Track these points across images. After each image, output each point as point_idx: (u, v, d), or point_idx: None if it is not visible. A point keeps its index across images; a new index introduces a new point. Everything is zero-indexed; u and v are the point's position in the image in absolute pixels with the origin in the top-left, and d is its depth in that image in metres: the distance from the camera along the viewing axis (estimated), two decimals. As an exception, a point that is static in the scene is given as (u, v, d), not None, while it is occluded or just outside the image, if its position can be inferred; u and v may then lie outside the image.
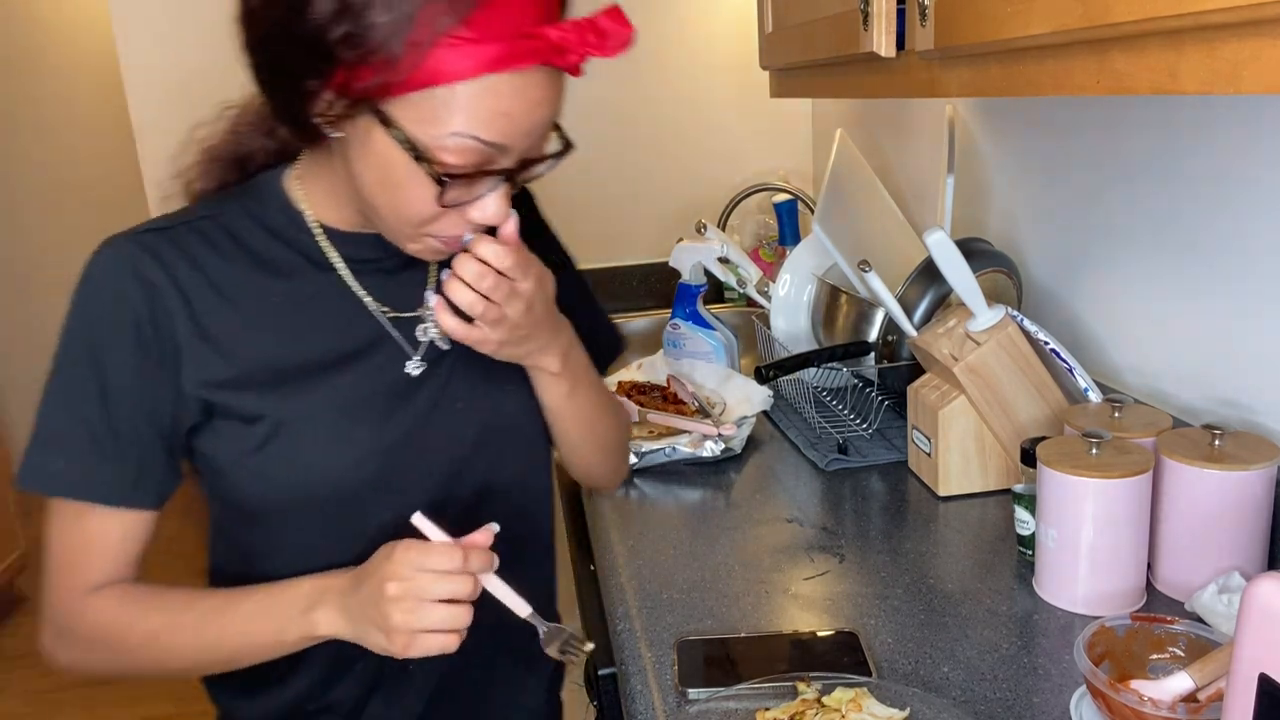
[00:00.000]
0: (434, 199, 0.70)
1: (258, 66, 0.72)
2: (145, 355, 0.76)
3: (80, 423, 0.77)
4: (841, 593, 1.03)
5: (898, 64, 1.02)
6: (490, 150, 0.69)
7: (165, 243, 0.78)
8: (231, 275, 0.79)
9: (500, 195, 0.72)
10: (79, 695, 2.58)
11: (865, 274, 1.29)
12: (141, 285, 0.76)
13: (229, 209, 0.81)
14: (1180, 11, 0.56)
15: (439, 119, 0.66)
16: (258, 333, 0.79)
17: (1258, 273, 1.02)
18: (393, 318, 0.84)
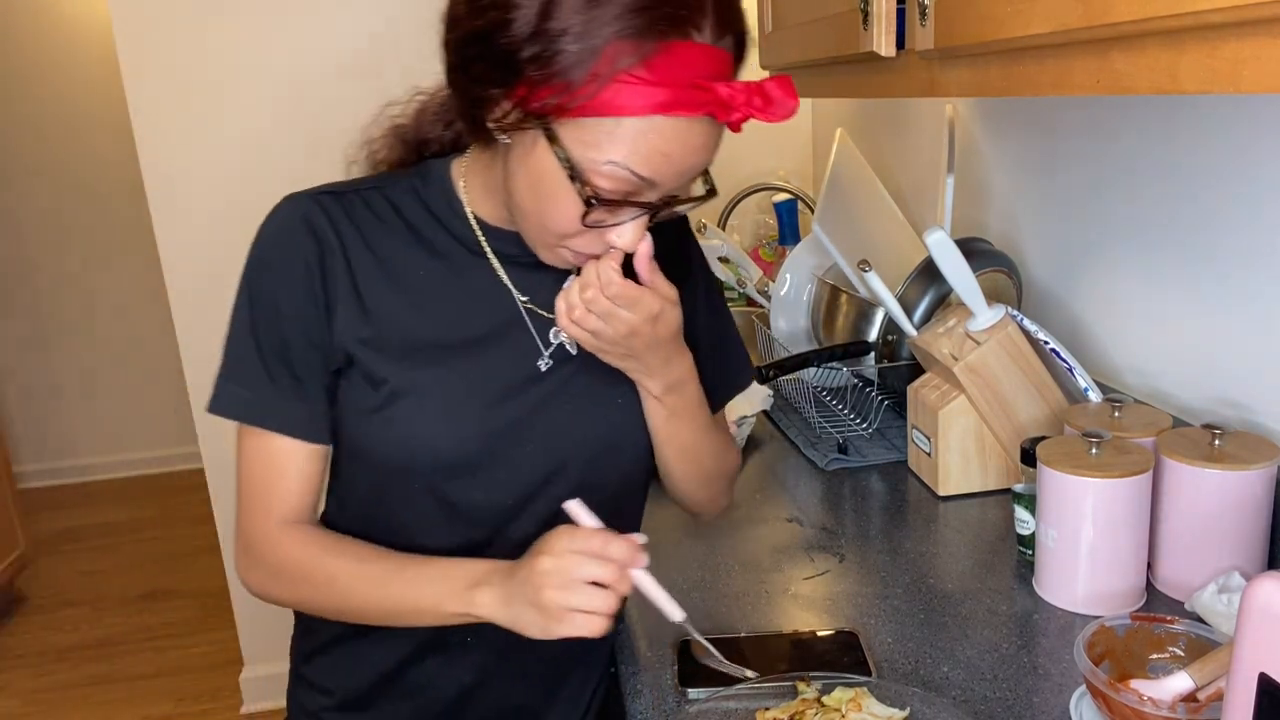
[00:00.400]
0: (578, 217, 0.73)
1: (450, 65, 0.77)
2: (312, 299, 0.83)
3: (260, 357, 0.84)
4: (841, 593, 1.03)
5: (898, 64, 1.02)
6: (641, 184, 0.72)
7: (336, 203, 0.85)
8: (388, 244, 0.85)
9: (639, 225, 0.76)
10: (79, 695, 2.58)
11: (865, 274, 1.29)
12: (312, 235, 0.83)
13: (398, 185, 0.88)
14: (1180, 11, 0.56)
15: (600, 146, 0.70)
16: (401, 302, 0.84)
17: (1258, 273, 1.02)
18: (530, 311, 0.88)
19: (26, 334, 3.90)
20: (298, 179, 2.38)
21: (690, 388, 0.89)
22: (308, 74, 2.12)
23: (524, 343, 0.87)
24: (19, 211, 3.79)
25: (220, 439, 2.28)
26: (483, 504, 0.87)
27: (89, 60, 3.68)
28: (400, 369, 0.83)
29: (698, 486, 0.98)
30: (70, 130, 3.74)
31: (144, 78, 2.07)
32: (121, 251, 3.86)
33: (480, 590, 0.78)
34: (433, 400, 0.84)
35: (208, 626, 2.86)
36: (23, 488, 3.66)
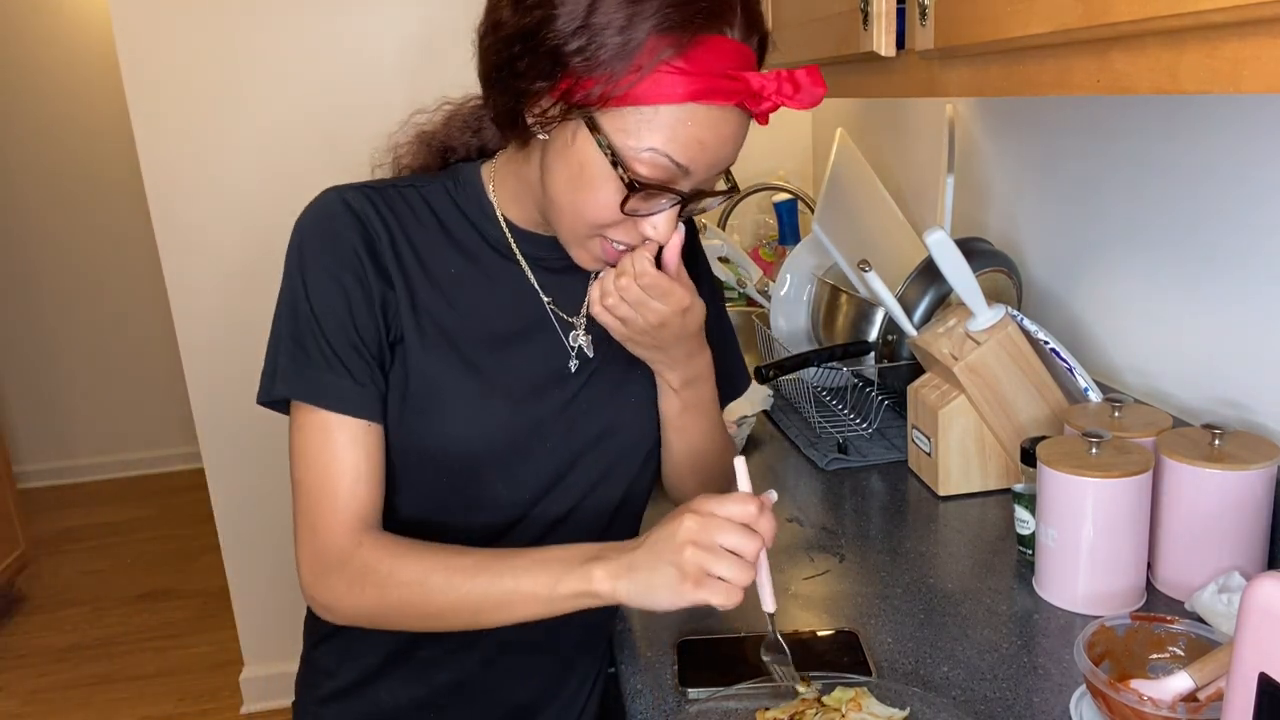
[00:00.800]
0: (616, 204, 0.76)
1: (492, 66, 0.80)
2: (361, 282, 0.84)
3: (313, 340, 0.83)
4: (841, 593, 1.03)
5: (898, 64, 1.02)
6: (676, 171, 0.76)
7: (376, 195, 0.87)
8: (423, 239, 0.87)
9: (672, 216, 0.79)
10: (79, 695, 2.58)
11: (865, 274, 1.29)
12: (358, 220, 0.85)
13: (432, 185, 0.90)
14: (1180, 11, 0.56)
15: (640, 134, 0.74)
16: (436, 295, 0.86)
17: (1258, 273, 1.02)
18: (555, 313, 0.91)
19: (26, 334, 3.90)
20: (298, 179, 2.39)
21: (707, 383, 0.93)
22: (308, 74, 2.12)
23: (549, 344, 0.90)
24: (19, 212, 3.79)
25: (220, 439, 2.28)
26: (503, 498, 0.89)
27: (89, 60, 3.68)
28: (435, 361, 0.86)
29: (699, 483, 0.99)
30: (71, 130, 3.74)
31: (144, 78, 2.07)
32: (122, 252, 3.86)
33: (597, 565, 0.76)
34: (465, 394, 0.86)
35: (208, 626, 2.86)
36: (23, 488, 3.66)
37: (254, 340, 2.36)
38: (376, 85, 2.15)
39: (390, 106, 0.95)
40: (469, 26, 0.83)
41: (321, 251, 0.84)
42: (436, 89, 0.99)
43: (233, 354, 2.21)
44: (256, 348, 2.38)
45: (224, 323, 2.20)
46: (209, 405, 2.25)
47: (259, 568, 2.36)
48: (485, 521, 0.90)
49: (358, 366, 0.84)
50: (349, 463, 0.83)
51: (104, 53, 3.65)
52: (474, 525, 0.90)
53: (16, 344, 3.91)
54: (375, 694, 0.96)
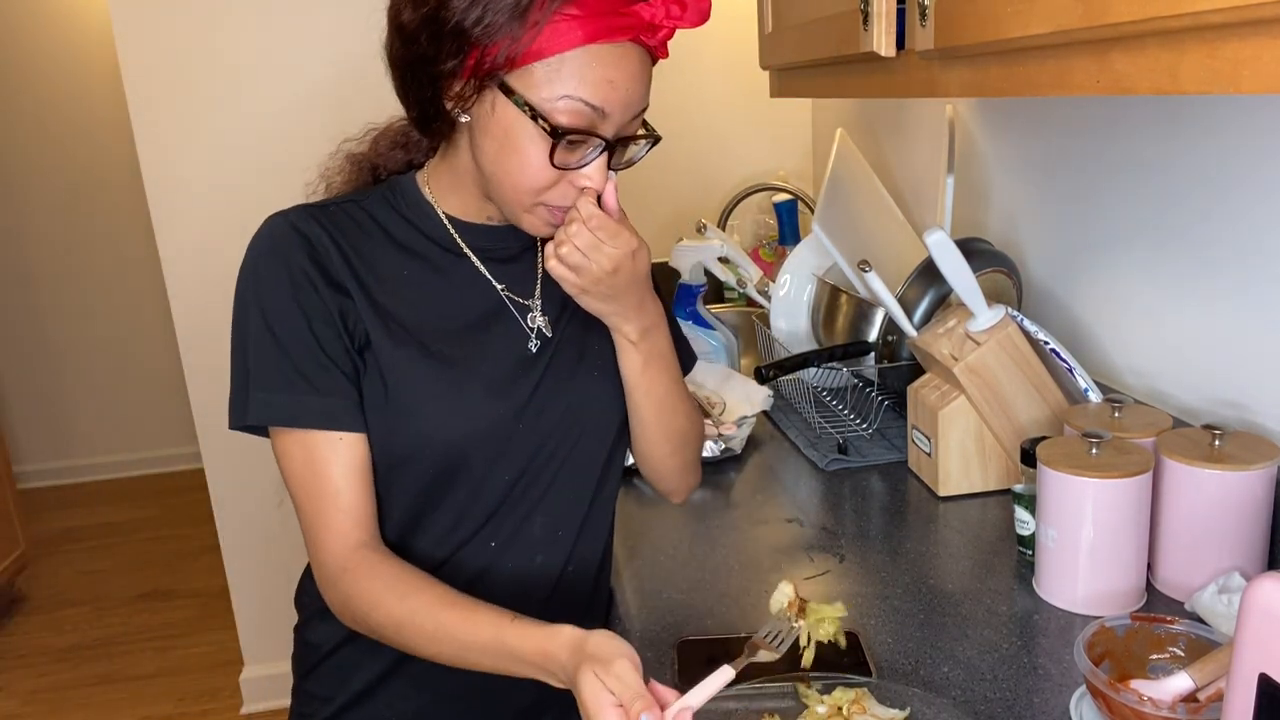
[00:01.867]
0: (546, 161, 0.80)
1: (404, 66, 0.84)
2: (319, 297, 0.85)
3: (281, 361, 0.85)
4: (841, 593, 1.03)
5: (898, 64, 1.02)
6: (594, 115, 0.79)
7: (320, 213, 0.89)
8: (370, 249, 0.90)
9: (601, 163, 0.83)
10: (79, 695, 2.58)
11: (865, 274, 1.29)
12: (306, 241, 0.87)
13: (371, 198, 0.93)
14: (1180, 11, 0.56)
15: (551, 84, 0.78)
16: (393, 297, 0.89)
17: (1259, 273, 1.02)
18: (511, 299, 0.93)
19: (26, 334, 3.90)
20: (298, 179, 2.37)
21: (662, 333, 0.95)
22: (308, 74, 2.12)
23: (511, 329, 0.93)
24: (20, 212, 3.79)
25: (220, 439, 2.28)
26: (486, 483, 0.91)
27: (89, 61, 3.68)
28: (406, 358, 0.87)
29: (671, 450, 1.00)
30: (71, 131, 3.74)
31: (144, 78, 2.07)
32: (122, 252, 3.86)
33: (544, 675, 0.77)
34: (442, 387, 0.88)
35: (208, 626, 2.86)
36: (23, 488, 3.66)
37: (254, 340, 2.35)
38: (377, 84, 2.14)
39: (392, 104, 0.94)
40: None
41: (274, 275, 0.85)
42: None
43: (233, 354, 2.21)
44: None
45: (224, 323, 2.18)
46: (209, 405, 2.25)
47: (259, 568, 2.37)
48: (470, 507, 0.91)
49: (326, 381, 0.85)
50: (335, 476, 0.85)
51: (104, 53, 3.65)
52: (461, 513, 0.91)
53: (16, 344, 3.91)
54: (374, 708, 0.96)
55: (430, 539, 0.91)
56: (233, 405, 0.87)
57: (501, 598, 0.82)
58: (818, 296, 1.63)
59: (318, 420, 0.85)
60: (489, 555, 0.92)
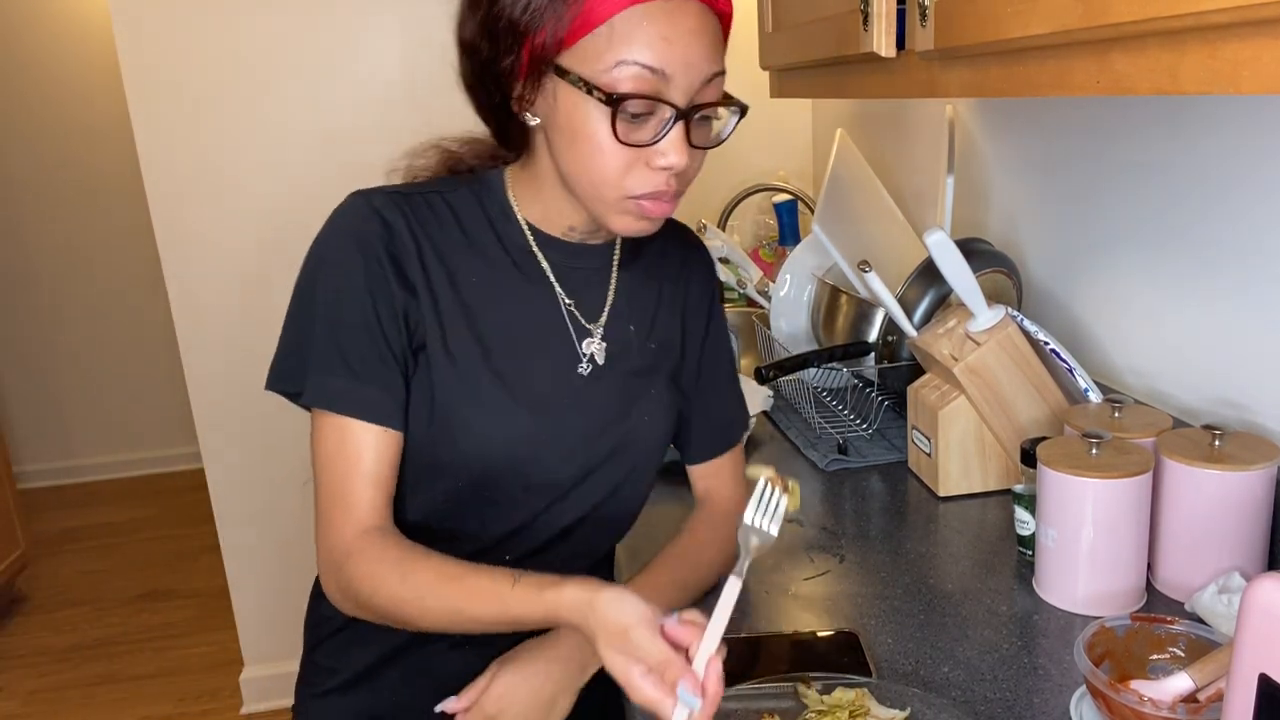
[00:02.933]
0: (614, 139, 0.76)
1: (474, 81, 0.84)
2: (387, 288, 0.84)
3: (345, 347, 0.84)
4: (841, 593, 1.03)
5: (898, 64, 1.02)
6: (653, 77, 0.74)
7: (405, 201, 0.87)
8: (448, 246, 0.88)
9: (676, 137, 0.77)
10: (79, 695, 2.58)
11: (865, 274, 1.29)
12: (386, 227, 0.85)
13: (457, 191, 0.90)
14: (1180, 11, 0.56)
15: (602, 54, 0.74)
16: (459, 302, 0.87)
17: (1258, 273, 1.02)
18: (572, 315, 0.92)
19: (26, 334, 3.90)
20: (298, 178, 2.38)
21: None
22: (308, 73, 2.12)
23: (565, 350, 0.91)
24: (20, 212, 3.79)
25: (220, 439, 2.28)
26: (517, 504, 0.91)
27: (89, 60, 3.68)
28: (458, 368, 0.86)
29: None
30: (71, 130, 3.74)
31: (144, 79, 2.07)
32: (122, 252, 3.86)
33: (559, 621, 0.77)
34: (488, 402, 0.87)
35: (208, 626, 2.86)
36: (23, 488, 3.66)
37: (254, 340, 2.37)
38: (376, 84, 2.15)
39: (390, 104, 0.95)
40: None
41: (350, 259, 0.84)
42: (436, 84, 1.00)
43: (233, 354, 2.21)
44: (257, 347, 2.40)
45: (224, 323, 2.20)
46: (209, 405, 2.25)
47: (259, 568, 2.36)
48: (496, 527, 0.91)
49: (381, 374, 0.84)
50: (365, 468, 0.84)
51: (104, 53, 3.65)
52: (485, 531, 0.91)
53: (16, 344, 3.90)
54: (378, 689, 0.97)
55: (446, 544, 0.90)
56: (277, 368, 0.87)
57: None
58: (818, 297, 1.63)
59: (364, 411, 0.84)
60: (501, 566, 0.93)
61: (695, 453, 1.05)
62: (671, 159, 0.77)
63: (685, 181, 0.82)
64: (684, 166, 0.78)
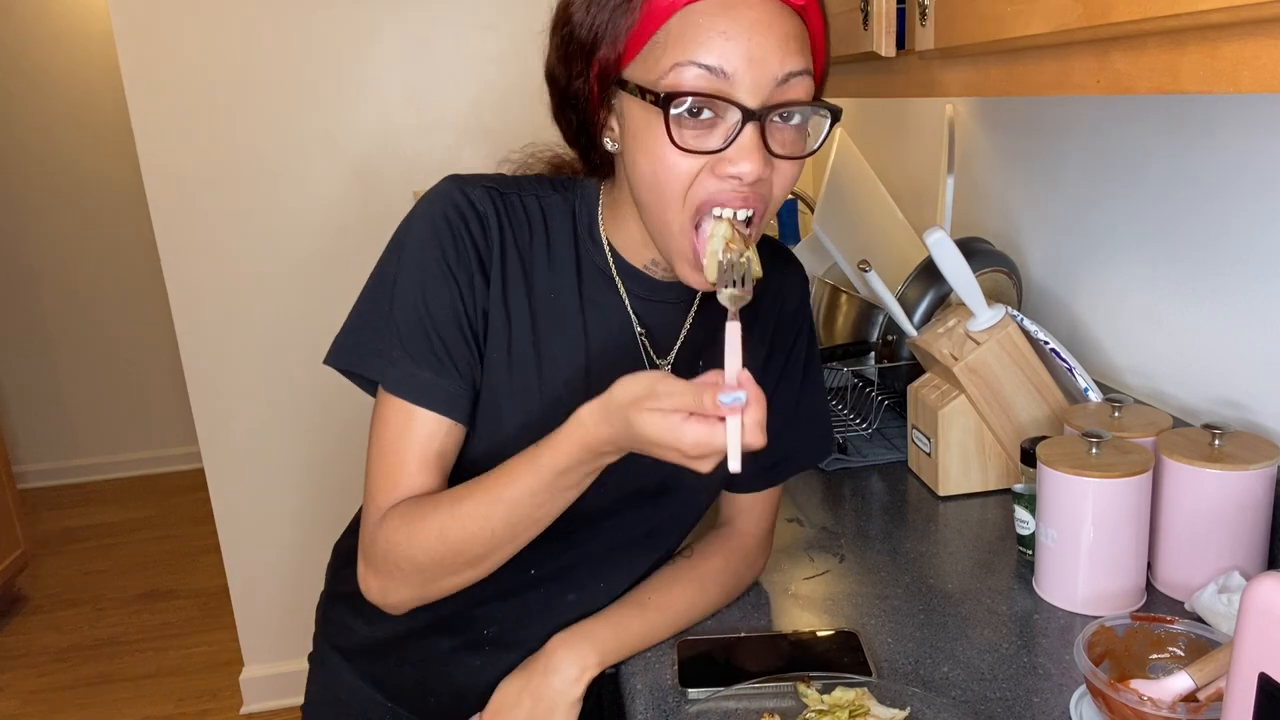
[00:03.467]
0: (671, 144, 0.71)
1: (560, 111, 0.82)
2: (470, 281, 0.82)
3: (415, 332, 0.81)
4: (841, 593, 1.03)
5: (898, 64, 1.02)
6: (711, 75, 0.70)
7: (500, 197, 0.84)
8: (532, 253, 0.85)
9: (746, 142, 0.71)
10: (79, 695, 2.58)
11: (865, 274, 1.29)
12: (478, 219, 0.82)
13: (553, 196, 0.87)
14: (1180, 11, 0.56)
15: (659, 60, 0.71)
16: (529, 312, 0.84)
17: (1258, 273, 1.02)
18: (644, 344, 0.88)
19: (27, 334, 3.90)
20: (298, 178, 2.38)
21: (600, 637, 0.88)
22: (307, 73, 2.12)
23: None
24: (20, 212, 3.79)
25: (220, 439, 2.28)
26: None
27: (89, 61, 3.68)
28: (506, 376, 0.84)
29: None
30: (71, 131, 3.74)
31: (144, 79, 2.07)
32: (122, 252, 3.86)
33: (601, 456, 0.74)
34: (524, 414, 0.84)
35: (208, 626, 2.86)
36: (23, 488, 3.66)
37: (254, 340, 2.37)
38: (376, 83, 2.15)
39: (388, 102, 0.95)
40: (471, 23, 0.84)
41: (438, 245, 0.81)
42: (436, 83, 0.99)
43: (233, 355, 2.21)
44: (257, 348, 2.41)
45: (224, 323, 2.20)
46: (209, 405, 2.25)
47: (259, 568, 2.36)
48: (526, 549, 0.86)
49: (450, 365, 0.81)
50: (420, 455, 0.82)
51: (104, 53, 3.65)
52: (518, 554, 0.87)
53: (16, 344, 3.90)
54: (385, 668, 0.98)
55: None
56: (341, 345, 0.85)
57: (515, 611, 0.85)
58: (818, 296, 1.63)
59: (432, 401, 0.81)
60: (525, 579, 0.91)
61: (733, 484, 0.99)
62: (742, 166, 0.71)
63: (766, 199, 0.75)
64: (757, 175, 0.71)
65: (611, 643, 0.89)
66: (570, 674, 0.85)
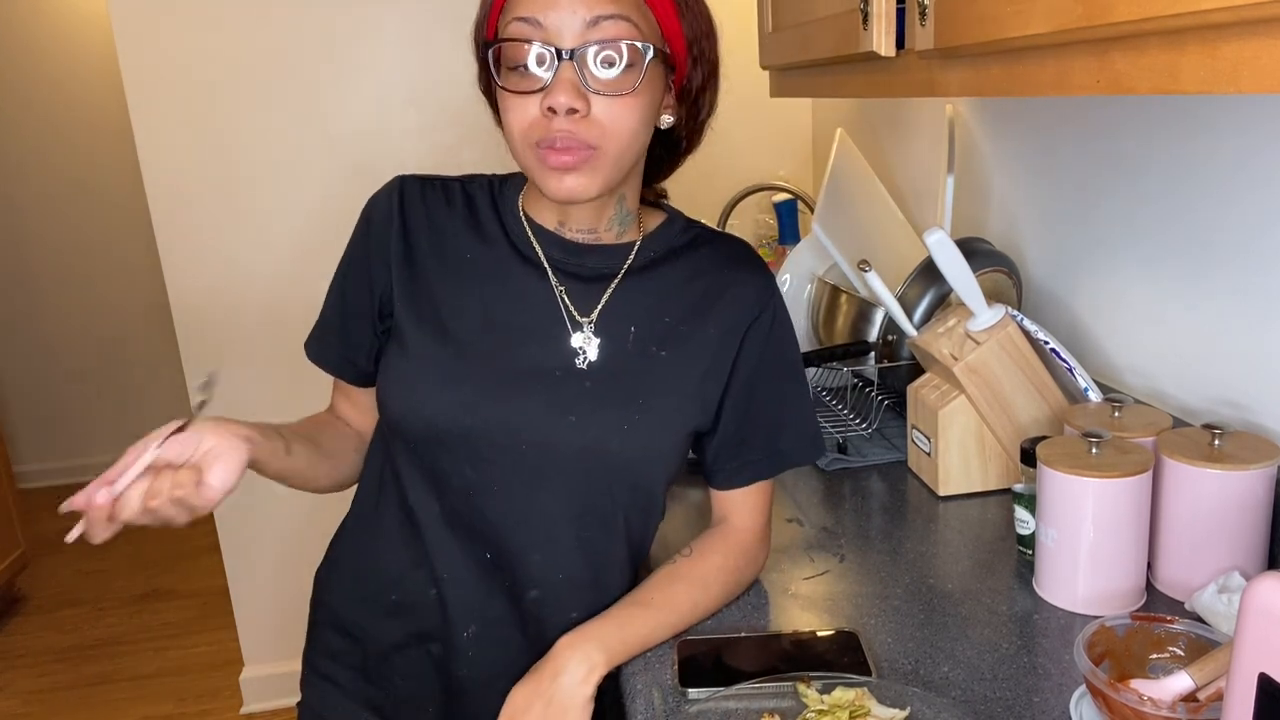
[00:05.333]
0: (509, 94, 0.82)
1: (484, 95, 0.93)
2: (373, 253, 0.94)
3: (331, 303, 0.99)
4: (841, 593, 1.03)
5: (898, 64, 1.02)
6: (528, 26, 0.80)
7: (426, 181, 0.96)
8: (448, 225, 0.94)
9: (564, 78, 0.79)
10: (79, 695, 2.58)
11: (865, 274, 1.29)
12: (399, 204, 0.94)
13: (478, 180, 0.98)
14: (1180, 11, 0.56)
15: (499, 24, 0.83)
16: (443, 274, 0.93)
17: (1259, 273, 1.02)
18: (567, 307, 0.92)
19: (27, 334, 3.90)
20: (298, 178, 2.38)
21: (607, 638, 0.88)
22: (307, 73, 2.12)
23: (551, 341, 0.91)
24: (20, 212, 3.78)
25: (220, 439, 2.27)
26: (474, 489, 0.90)
27: (89, 61, 3.68)
28: (420, 332, 0.91)
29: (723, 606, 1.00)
30: (71, 131, 3.74)
31: (144, 78, 2.07)
32: (122, 252, 3.86)
33: None
34: (434, 367, 0.89)
35: (208, 626, 2.86)
36: (23, 488, 3.66)
37: (254, 340, 2.36)
38: (376, 83, 2.15)
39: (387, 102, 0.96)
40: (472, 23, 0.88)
41: (357, 230, 0.96)
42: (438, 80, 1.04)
43: (233, 355, 2.21)
44: (257, 348, 2.41)
45: (224, 323, 2.20)
46: (209, 405, 2.25)
47: (259, 568, 2.36)
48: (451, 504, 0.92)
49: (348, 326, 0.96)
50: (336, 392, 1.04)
51: (104, 53, 3.65)
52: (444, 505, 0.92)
53: (16, 344, 3.90)
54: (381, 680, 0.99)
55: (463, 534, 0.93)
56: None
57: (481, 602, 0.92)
58: (818, 296, 1.63)
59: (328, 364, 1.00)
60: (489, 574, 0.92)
61: (716, 479, 1.00)
62: (556, 98, 0.79)
63: (598, 134, 0.81)
64: (569, 104, 0.79)
65: (617, 642, 0.89)
66: (579, 674, 0.85)
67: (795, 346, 1.00)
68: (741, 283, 0.95)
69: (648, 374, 0.91)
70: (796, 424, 1.00)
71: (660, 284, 0.94)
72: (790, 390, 0.99)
